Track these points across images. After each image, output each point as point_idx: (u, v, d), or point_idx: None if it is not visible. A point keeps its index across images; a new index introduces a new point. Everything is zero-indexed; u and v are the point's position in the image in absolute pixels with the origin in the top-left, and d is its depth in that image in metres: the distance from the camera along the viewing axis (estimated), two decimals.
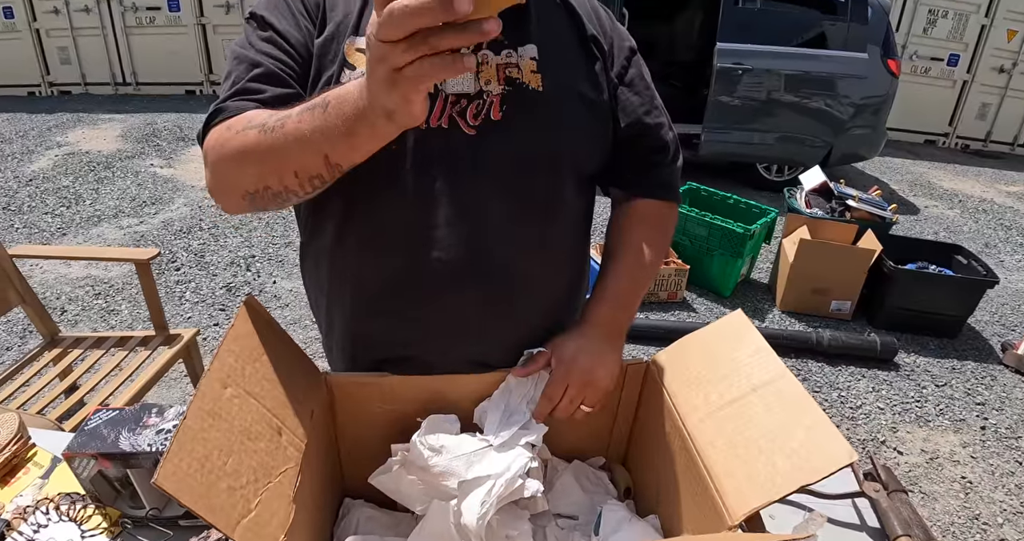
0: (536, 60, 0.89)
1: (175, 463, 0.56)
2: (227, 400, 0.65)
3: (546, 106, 0.88)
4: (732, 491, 0.69)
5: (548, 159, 0.91)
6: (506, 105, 0.87)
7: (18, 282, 2.08)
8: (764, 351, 0.79)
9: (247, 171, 0.74)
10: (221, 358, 0.68)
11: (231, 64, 0.85)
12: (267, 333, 0.79)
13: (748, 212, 3.80)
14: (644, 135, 0.99)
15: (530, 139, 0.88)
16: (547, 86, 0.88)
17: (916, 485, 2.44)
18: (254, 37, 0.85)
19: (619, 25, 1.02)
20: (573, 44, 0.94)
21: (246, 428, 0.65)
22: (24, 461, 1.05)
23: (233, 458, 0.62)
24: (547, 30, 0.91)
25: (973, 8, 7.07)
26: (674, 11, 6.61)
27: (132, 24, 7.17)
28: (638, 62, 1.00)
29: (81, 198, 4.49)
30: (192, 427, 0.60)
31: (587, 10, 0.98)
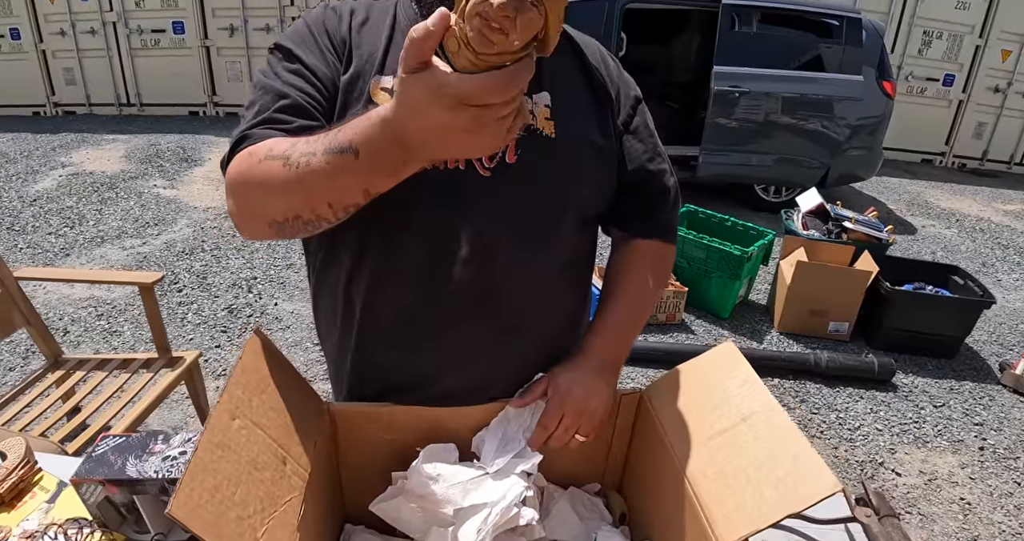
0: (549, 107, 0.92)
1: (187, 493, 0.58)
2: (235, 431, 0.68)
3: (558, 152, 0.92)
4: (722, 519, 0.71)
5: (558, 201, 0.95)
6: (521, 149, 0.90)
7: (23, 304, 2.10)
8: (753, 382, 0.81)
9: (274, 202, 0.74)
10: (230, 390, 0.71)
11: (256, 93, 0.86)
12: (274, 365, 0.82)
13: (746, 234, 3.83)
14: (647, 180, 1.03)
15: (542, 183, 0.92)
16: (559, 133, 0.92)
17: (915, 507, 2.45)
18: (280, 68, 0.87)
19: (625, 73, 1.05)
20: (584, 92, 0.98)
21: (253, 458, 0.68)
22: (30, 485, 1.07)
23: (241, 488, 0.64)
24: (560, 79, 0.95)
25: (967, 29, 7.18)
26: (671, 35, 6.70)
27: (137, 46, 7.27)
28: (643, 110, 1.04)
29: (84, 218, 4.53)
30: (203, 458, 0.62)
31: (597, 59, 1.02)
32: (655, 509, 0.88)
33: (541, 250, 0.95)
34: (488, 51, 0.51)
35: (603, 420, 0.96)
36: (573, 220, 0.99)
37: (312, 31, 0.89)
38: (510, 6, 0.49)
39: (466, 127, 0.56)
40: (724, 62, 4.88)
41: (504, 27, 0.50)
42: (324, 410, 0.88)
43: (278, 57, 0.89)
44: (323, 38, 0.89)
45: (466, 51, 0.52)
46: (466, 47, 0.52)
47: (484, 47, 0.51)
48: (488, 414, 0.92)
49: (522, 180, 0.90)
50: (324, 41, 0.89)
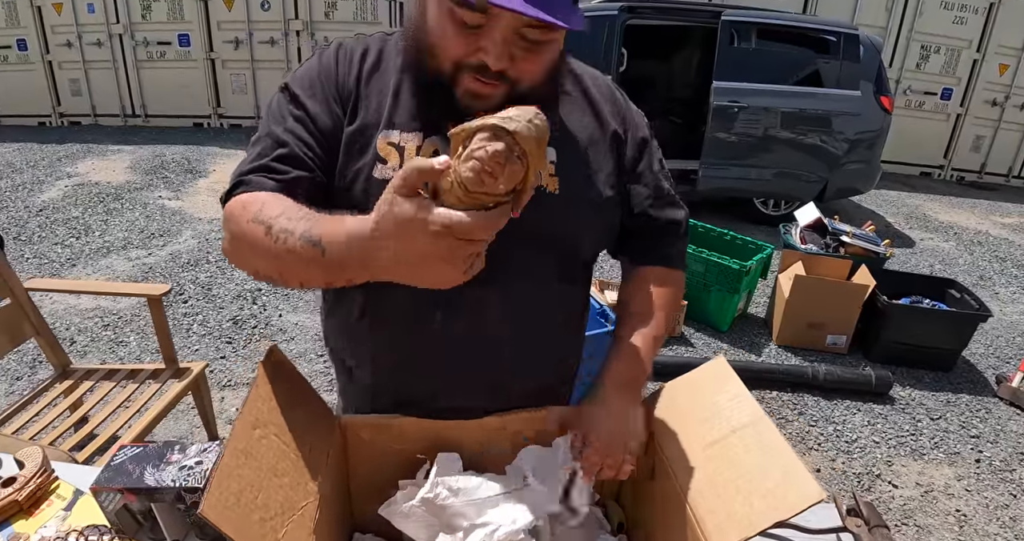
0: (554, 163, 0.94)
1: (216, 496, 0.63)
2: (256, 440, 0.72)
3: (560, 208, 0.93)
4: (713, 528, 0.75)
5: (557, 254, 0.98)
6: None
7: (33, 314, 2.14)
8: (743, 396, 0.85)
9: (256, 261, 0.80)
10: (251, 402, 0.75)
11: (262, 130, 0.91)
12: (289, 379, 0.86)
13: (744, 248, 3.87)
14: (650, 223, 1.06)
15: (541, 238, 0.94)
16: (562, 190, 0.93)
17: (911, 518, 2.47)
18: (286, 111, 0.90)
19: (633, 109, 1.06)
20: (592, 144, 0.98)
21: (272, 466, 0.72)
22: (47, 493, 1.11)
23: (263, 493, 0.69)
24: (568, 132, 0.96)
25: (965, 43, 7.25)
26: (672, 50, 6.78)
27: (143, 58, 7.36)
28: (649, 150, 1.04)
29: (90, 229, 4.58)
30: (229, 464, 0.67)
31: (606, 97, 1.02)
32: (651, 518, 0.92)
33: (536, 300, 0.99)
34: (478, 190, 0.61)
35: (641, 450, 0.95)
36: (570, 269, 1.03)
37: (321, 79, 0.92)
38: (502, 154, 0.60)
39: (442, 255, 0.63)
40: (723, 77, 4.94)
41: (495, 172, 0.60)
42: (335, 422, 0.92)
43: (286, 99, 0.92)
44: (330, 88, 0.91)
45: (458, 189, 0.61)
46: (459, 186, 0.61)
47: (476, 187, 0.60)
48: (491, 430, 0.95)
49: (523, 234, 0.90)
50: (331, 91, 0.91)
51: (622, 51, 5.08)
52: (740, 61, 4.99)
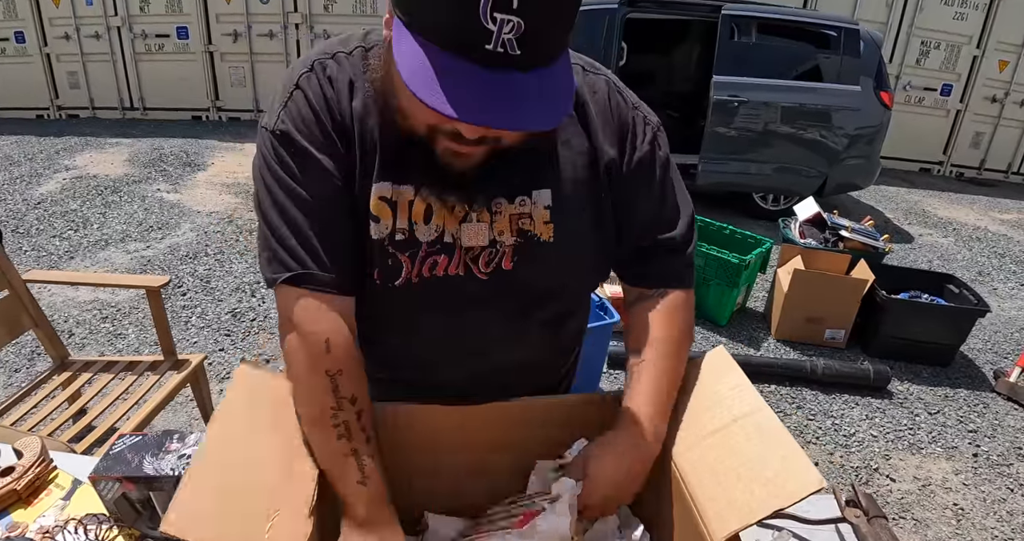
0: (549, 209, 0.88)
1: (179, 510, 0.62)
2: (231, 448, 0.72)
3: (555, 256, 0.90)
4: (714, 515, 0.75)
5: (553, 297, 0.97)
6: (517, 256, 0.89)
7: (31, 306, 2.14)
8: (743, 385, 0.85)
9: (299, 403, 0.86)
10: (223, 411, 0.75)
11: (282, 201, 0.82)
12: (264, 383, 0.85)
13: (744, 242, 3.87)
14: (656, 247, 0.99)
15: (537, 286, 0.93)
16: (558, 237, 0.89)
17: (908, 512, 2.48)
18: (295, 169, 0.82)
19: (637, 113, 0.95)
20: (588, 180, 0.91)
21: (250, 471, 0.72)
22: (46, 483, 1.11)
23: (239, 498, 0.68)
24: (565, 166, 0.90)
25: (965, 39, 7.25)
26: (672, 44, 6.77)
27: (141, 51, 7.34)
28: (647, 172, 0.95)
29: (89, 222, 4.57)
30: (198, 474, 0.66)
31: (606, 116, 0.92)
32: (650, 505, 0.92)
33: (533, 335, 0.99)
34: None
35: (637, 487, 0.93)
36: (566, 305, 1.02)
37: (318, 116, 0.83)
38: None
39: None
40: (723, 72, 4.93)
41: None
42: None
43: (288, 152, 0.82)
44: (328, 127, 0.83)
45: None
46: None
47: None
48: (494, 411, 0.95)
49: (518, 283, 0.91)
50: (328, 127, 0.83)
51: (622, 45, 5.07)
52: (740, 55, 4.98)
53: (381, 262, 0.87)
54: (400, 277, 0.87)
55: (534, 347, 1.01)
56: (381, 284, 0.88)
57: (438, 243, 0.87)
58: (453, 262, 0.88)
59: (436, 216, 0.86)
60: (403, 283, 0.87)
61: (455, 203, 0.85)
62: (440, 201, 0.84)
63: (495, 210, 0.87)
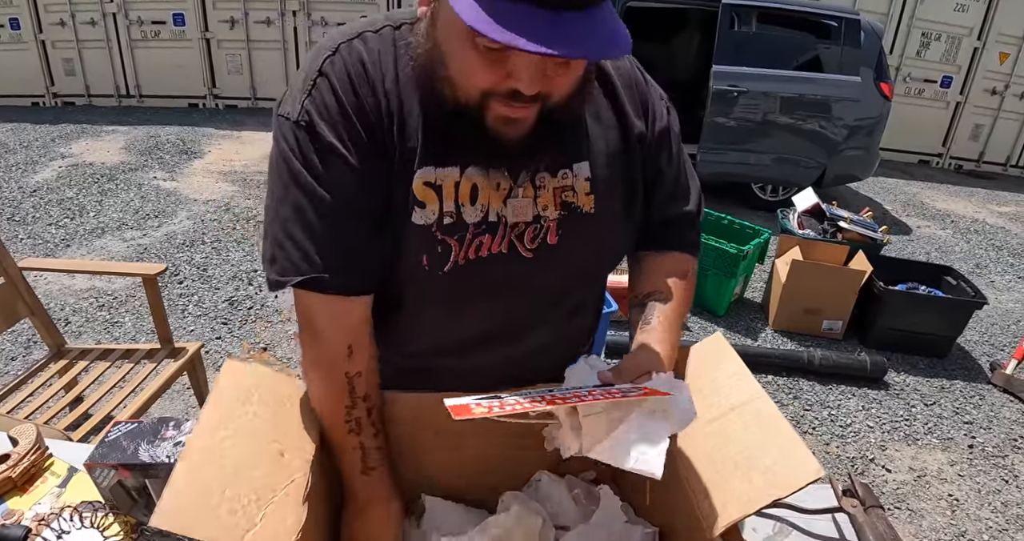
0: (590, 180, 0.90)
1: (169, 503, 0.61)
2: (220, 441, 0.71)
3: (596, 229, 0.92)
4: (712, 505, 0.75)
5: (590, 273, 0.99)
6: (562, 229, 0.89)
7: (27, 294, 2.13)
8: (741, 373, 0.85)
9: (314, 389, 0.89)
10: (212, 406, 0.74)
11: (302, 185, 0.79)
12: (254, 376, 0.84)
13: (742, 233, 3.87)
14: (668, 219, 1.03)
15: (580, 259, 0.93)
16: (598, 208, 0.91)
17: (904, 502, 2.49)
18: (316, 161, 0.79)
19: (653, 92, 0.98)
20: (621, 151, 0.94)
21: (240, 461, 0.71)
22: (41, 470, 1.10)
23: (230, 488, 0.67)
24: (599, 142, 0.92)
25: (965, 31, 7.21)
26: (671, 33, 6.73)
27: (137, 37, 7.28)
28: (667, 142, 0.99)
29: (85, 210, 4.55)
30: (186, 468, 0.66)
31: (631, 88, 0.95)
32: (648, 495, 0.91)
33: (566, 316, 1.00)
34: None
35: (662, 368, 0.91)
36: (598, 282, 1.05)
37: (343, 106, 0.79)
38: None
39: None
40: (723, 61, 4.91)
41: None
42: None
43: (313, 147, 0.79)
44: (354, 115, 0.79)
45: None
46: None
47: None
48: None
49: (562, 258, 0.91)
50: (356, 123, 0.79)
51: None
52: (740, 45, 4.96)
53: (430, 248, 0.84)
54: (449, 262, 0.85)
55: (565, 329, 1.02)
56: (430, 270, 0.85)
57: (484, 223, 0.86)
58: (496, 240, 0.87)
59: (482, 195, 0.85)
60: (451, 267, 0.86)
61: (500, 180, 0.85)
62: (486, 179, 0.84)
63: (539, 184, 0.87)
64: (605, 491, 0.97)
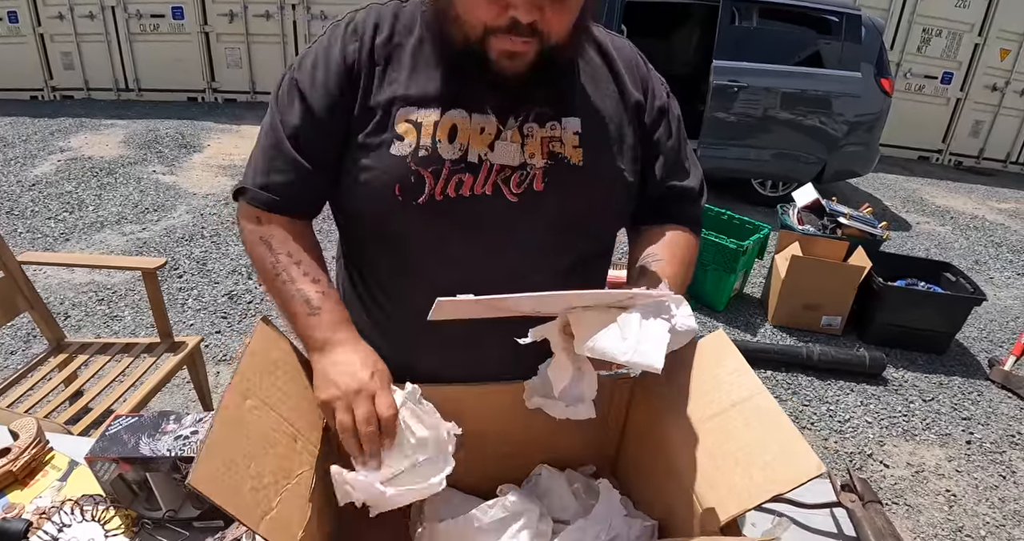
0: (579, 134, 0.94)
1: (205, 467, 0.62)
2: (248, 410, 0.71)
3: (584, 181, 0.94)
4: (713, 500, 0.75)
5: (579, 227, 0.98)
6: (548, 178, 0.92)
7: (26, 288, 2.13)
8: (742, 370, 0.85)
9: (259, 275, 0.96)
10: (242, 372, 0.74)
11: (271, 120, 0.95)
12: (281, 350, 0.85)
13: (742, 228, 3.87)
14: (668, 192, 1.05)
15: (567, 210, 0.94)
16: (587, 161, 0.94)
17: (901, 498, 2.50)
18: (291, 101, 0.93)
19: (655, 76, 1.05)
20: (616, 116, 0.98)
21: (265, 435, 0.71)
22: (42, 464, 1.10)
23: (255, 462, 0.68)
24: (592, 102, 0.97)
25: (966, 27, 7.20)
26: (672, 28, 6.71)
27: (136, 31, 7.25)
28: (667, 118, 1.03)
29: (84, 204, 4.54)
30: (218, 434, 0.66)
31: (630, 65, 1.02)
32: (649, 490, 0.92)
33: (557, 269, 0.98)
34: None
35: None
36: (591, 242, 1.02)
37: (325, 61, 0.93)
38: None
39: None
40: (723, 56, 4.90)
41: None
42: None
43: (291, 86, 0.94)
44: (334, 69, 0.92)
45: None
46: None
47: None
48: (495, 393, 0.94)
49: (548, 206, 0.93)
50: (334, 72, 0.92)
51: (622, 28, 5.02)
52: (741, 40, 4.95)
53: (402, 178, 0.90)
54: (423, 194, 0.90)
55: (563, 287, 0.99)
56: (403, 201, 0.90)
57: (462, 162, 0.90)
58: (479, 181, 0.91)
59: (461, 135, 0.91)
60: (426, 200, 0.90)
61: (484, 124, 0.91)
62: (468, 121, 0.91)
63: (527, 133, 0.92)
64: (604, 485, 0.97)
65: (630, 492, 1.00)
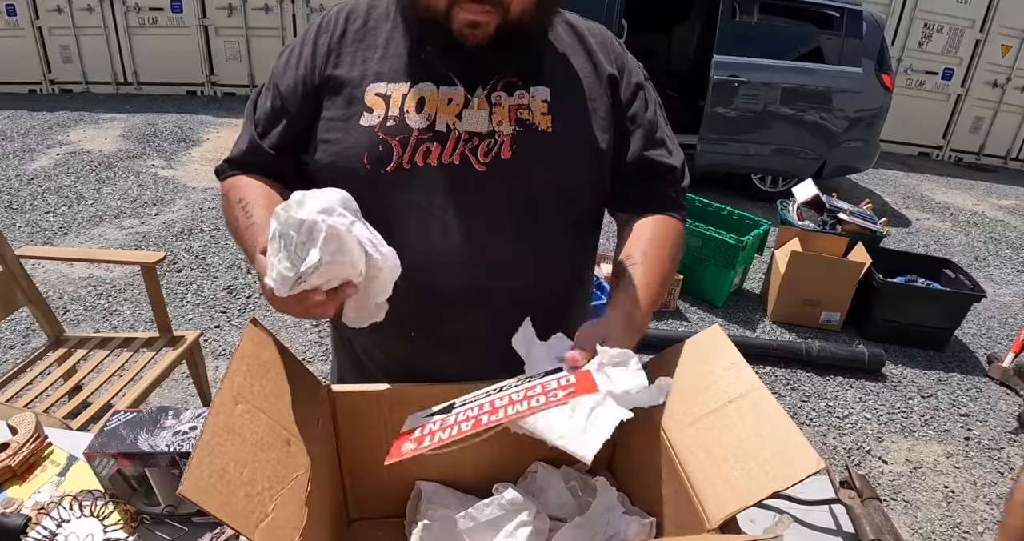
0: (548, 102, 0.94)
1: (196, 474, 0.61)
2: (239, 415, 0.71)
3: (554, 147, 0.94)
4: (711, 497, 0.75)
5: (551, 197, 0.96)
6: (516, 145, 0.92)
7: (25, 283, 2.12)
8: (739, 365, 0.84)
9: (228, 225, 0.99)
10: (231, 377, 0.74)
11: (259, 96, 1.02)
12: (271, 351, 0.84)
13: (741, 223, 3.87)
14: (647, 168, 1.02)
15: (536, 178, 0.93)
16: (556, 128, 0.94)
17: (900, 494, 2.50)
18: (274, 79, 1.00)
19: (631, 58, 1.05)
20: (587, 86, 0.98)
21: (258, 440, 0.71)
22: (41, 459, 1.10)
23: (248, 468, 0.67)
24: (562, 73, 0.97)
25: (968, 23, 7.18)
26: (673, 23, 6.70)
27: (134, 24, 7.22)
28: (644, 96, 1.03)
29: (83, 198, 4.53)
30: (209, 442, 0.65)
31: (604, 45, 1.02)
32: (646, 487, 0.92)
33: (532, 243, 0.97)
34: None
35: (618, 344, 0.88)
36: (566, 214, 1.00)
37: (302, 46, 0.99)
38: None
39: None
40: (724, 51, 4.89)
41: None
42: (324, 393, 0.90)
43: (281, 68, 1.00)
44: (308, 53, 0.97)
45: None
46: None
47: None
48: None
49: (517, 174, 0.92)
50: (308, 55, 0.97)
51: (622, 22, 5.01)
52: (741, 35, 4.94)
53: (371, 147, 0.92)
54: (391, 162, 0.91)
55: (536, 260, 0.98)
56: (372, 170, 0.91)
57: (429, 131, 0.91)
58: (447, 150, 0.92)
59: (428, 106, 0.92)
60: (394, 168, 0.91)
61: (452, 95, 0.92)
62: (435, 93, 0.92)
63: (495, 102, 0.93)
64: (602, 482, 0.97)
65: (627, 489, 1.00)
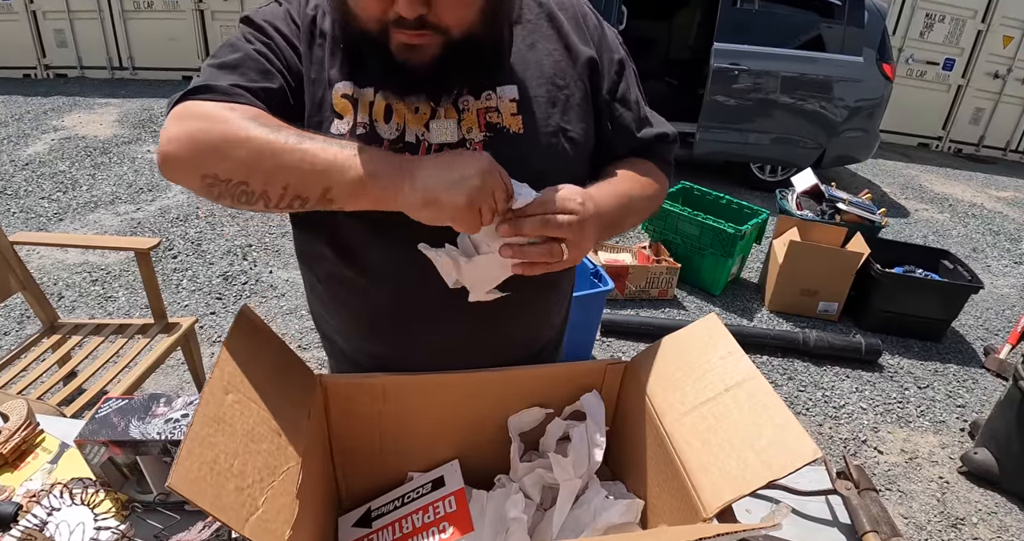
0: (516, 101, 0.90)
1: (186, 466, 0.60)
2: (229, 406, 0.70)
3: (527, 149, 0.90)
4: (707, 486, 0.74)
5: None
6: (488, 151, 0.86)
7: (19, 269, 2.11)
8: (736, 353, 0.84)
9: (233, 157, 0.75)
10: (221, 366, 0.72)
11: (225, 50, 0.86)
12: (262, 340, 0.83)
13: (740, 212, 3.85)
14: (640, 146, 1.02)
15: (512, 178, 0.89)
16: (528, 128, 0.90)
17: (895, 484, 2.51)
18: (253, 35, 0.87)
19: (609, 31, 1.00)
20: (560, 75, 0.93)
21: (249, 431, 0.70)
22: (32, 447, 1.09)
23: (239, 460, 0.66)
24: (530, 65, 0.92)
25: (970, 13, 7.13)
26: (673, 10, 6.64)
27: (130, 8, 7.15)
28: (626, 74, 0.99)
29: (78, 183, 4.51)
30: (200, 433, 0.64)
31: (577, 22, 0.96)
32: (642, 477, 0.91)
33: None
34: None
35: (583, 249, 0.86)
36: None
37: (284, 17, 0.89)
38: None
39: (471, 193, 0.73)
40: (724, 39, 4.85)
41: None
42: (315, 382, 0.89)
43: (252, 28, 0.88)
44: (292, 26, 0.89)
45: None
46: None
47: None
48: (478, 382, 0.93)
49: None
50: (292, 28, 0.89)
51: (622, 9, 4.97)
52: (742, 23, 4.90)
53: None
54: None
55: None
56: None
57: (400, 142, 0.87)
58: None
59: (396, 115, 0.87)
60: None
61: (418, 104, 0.87)
62: (402, 102, 0.86)
63: (462, 107, 0.88)
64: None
65: (622, 477, 0.99)
